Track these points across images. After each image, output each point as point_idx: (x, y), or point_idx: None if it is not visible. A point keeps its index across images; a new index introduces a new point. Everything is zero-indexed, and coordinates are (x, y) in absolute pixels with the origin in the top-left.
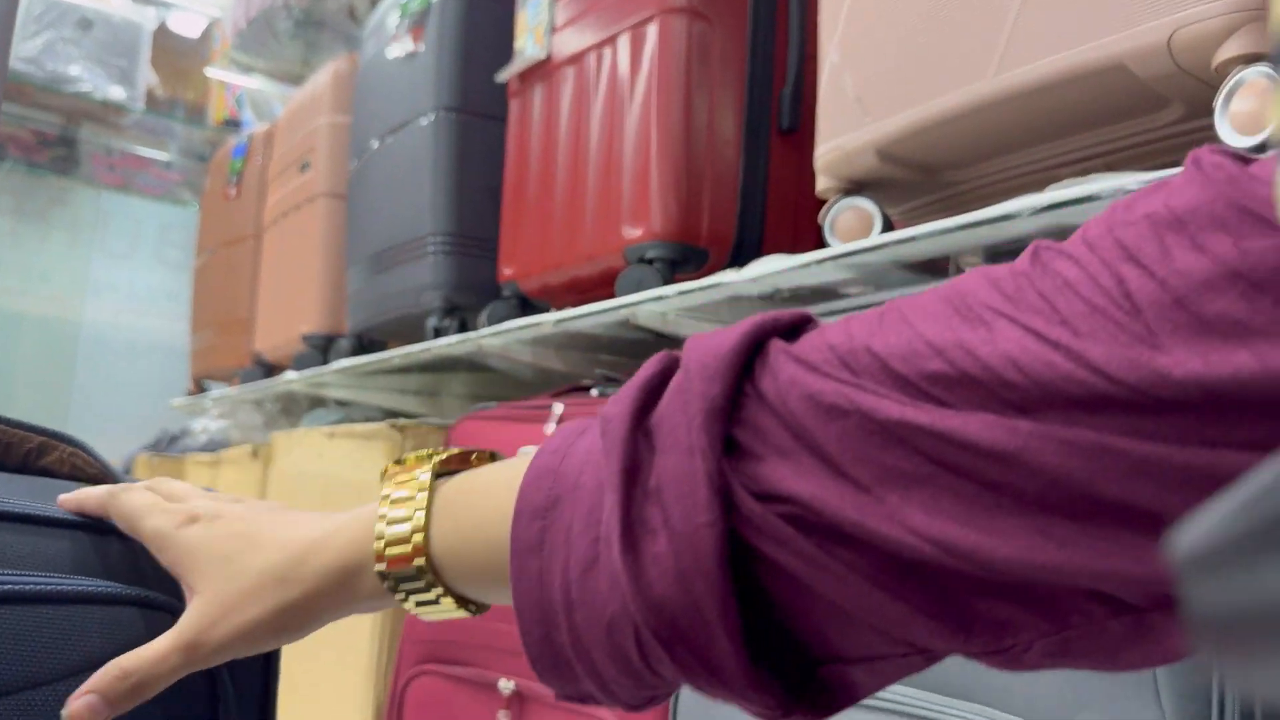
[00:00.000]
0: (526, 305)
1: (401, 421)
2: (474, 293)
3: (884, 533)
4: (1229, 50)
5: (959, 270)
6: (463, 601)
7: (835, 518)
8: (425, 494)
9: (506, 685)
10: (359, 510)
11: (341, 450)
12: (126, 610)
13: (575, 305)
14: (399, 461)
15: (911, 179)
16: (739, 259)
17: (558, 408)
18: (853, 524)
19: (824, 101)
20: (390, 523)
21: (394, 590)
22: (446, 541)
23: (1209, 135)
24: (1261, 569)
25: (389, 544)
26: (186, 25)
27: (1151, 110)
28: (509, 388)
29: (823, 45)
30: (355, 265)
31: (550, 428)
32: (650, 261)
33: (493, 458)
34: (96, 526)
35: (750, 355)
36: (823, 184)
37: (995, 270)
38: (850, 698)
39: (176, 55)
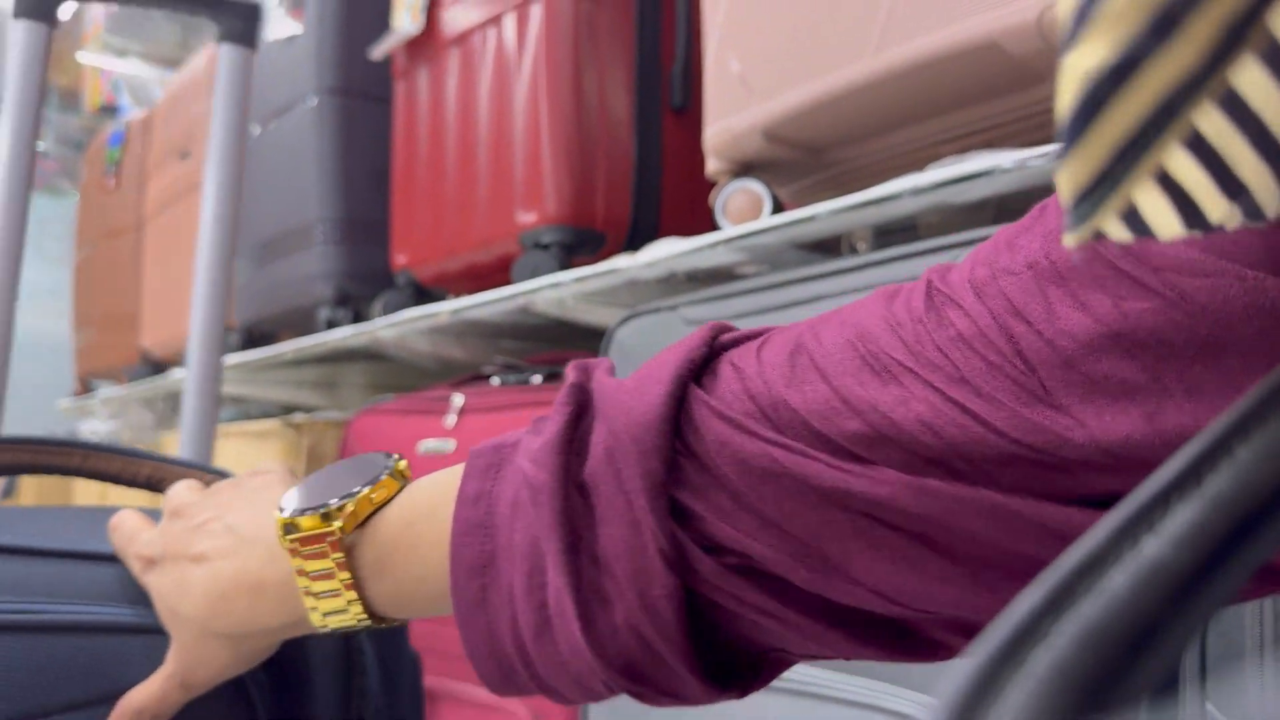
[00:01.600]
0: (422, 293)
1: (297, 418)
2: (366, 282)
3: (831, 584)
4: None
5: (852, 249)
6: (377, 619)
7: (783, 573)
8: (348, 574)
9: None
10: (278, 571)
11: (234, 450)
12: (163, 639)
13: (473, 292)
14: (289, 529)
15: (799, 159)
16: (636, 241)
17: (457, 399)
18: (801, 579)
19: (710, 84)
20: (323, 601)
21: (313, 612)
22: (388, 601)
23: None
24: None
25: (328, 615)
26: None
27: (1027, 86)
28: (410, 376)
29: (707, 27)
30: (241, 256)
31: (450, 419)
32: (546, 246)
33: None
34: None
35: (677, 414)
36: (712, 166)
37: (895, 309)
38: (785, 669)
39: None
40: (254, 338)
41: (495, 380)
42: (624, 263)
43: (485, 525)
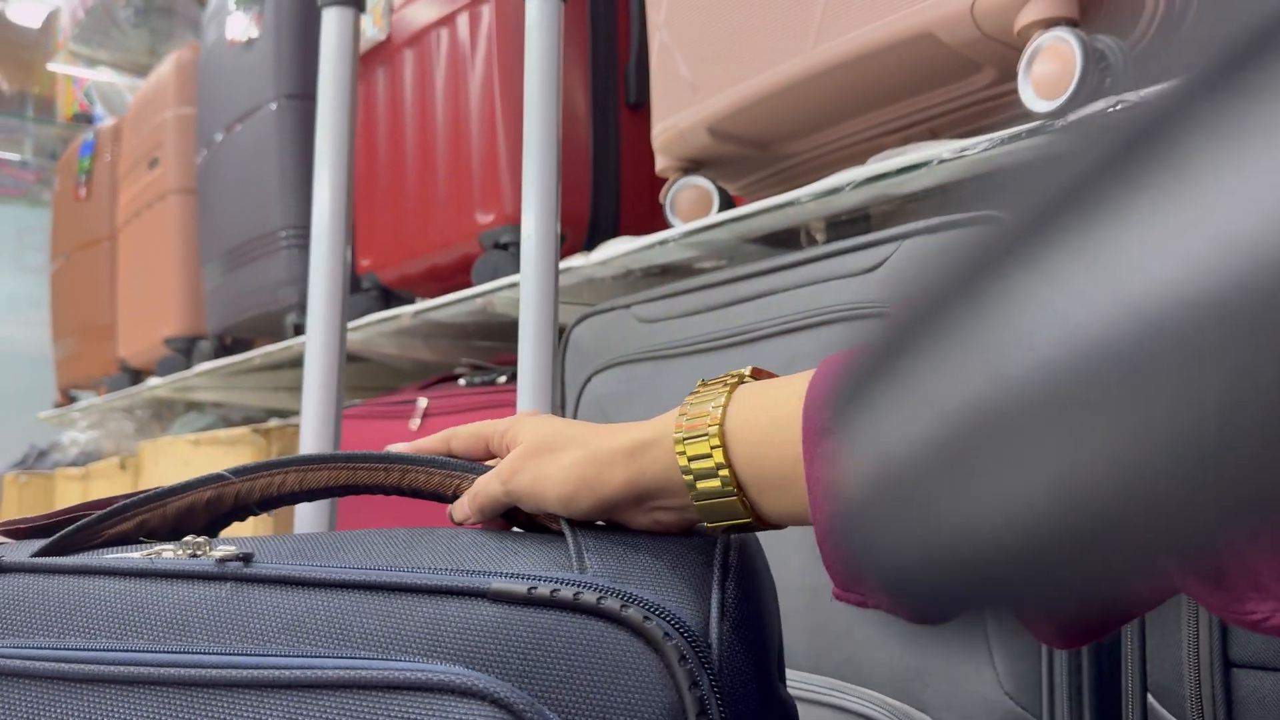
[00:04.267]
0: (389, 296)
1: (266, 424)
2: None
3: None
4: (1028, 15)
5: (811, 239)
6: (739, 489)
7: None
8: (728, 389)
9: None
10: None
11: (208, 457)
12: (469, 704)
13: (438, 294)
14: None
15: (745, 154)
16: (595, 239)
17: (422, 402)
18: None
19: (657, 81)
20: (692, 406)
21: (680, 455)
22: (739, 420)
23: None
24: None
25: (689, 419)
26: (26, 15)
27: (964, 75)
28: (385, 378)
29: (652, 25)
30: (209, 263)
31: (415, 422)
32: (505, 246)
33: None
34: (466, 590)
35: None
36: (661, 163)
37: None
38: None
39: (19, 48)
40: (228, 345)
41: (462, 382)
42: (578, 261)
43: (843, 363)
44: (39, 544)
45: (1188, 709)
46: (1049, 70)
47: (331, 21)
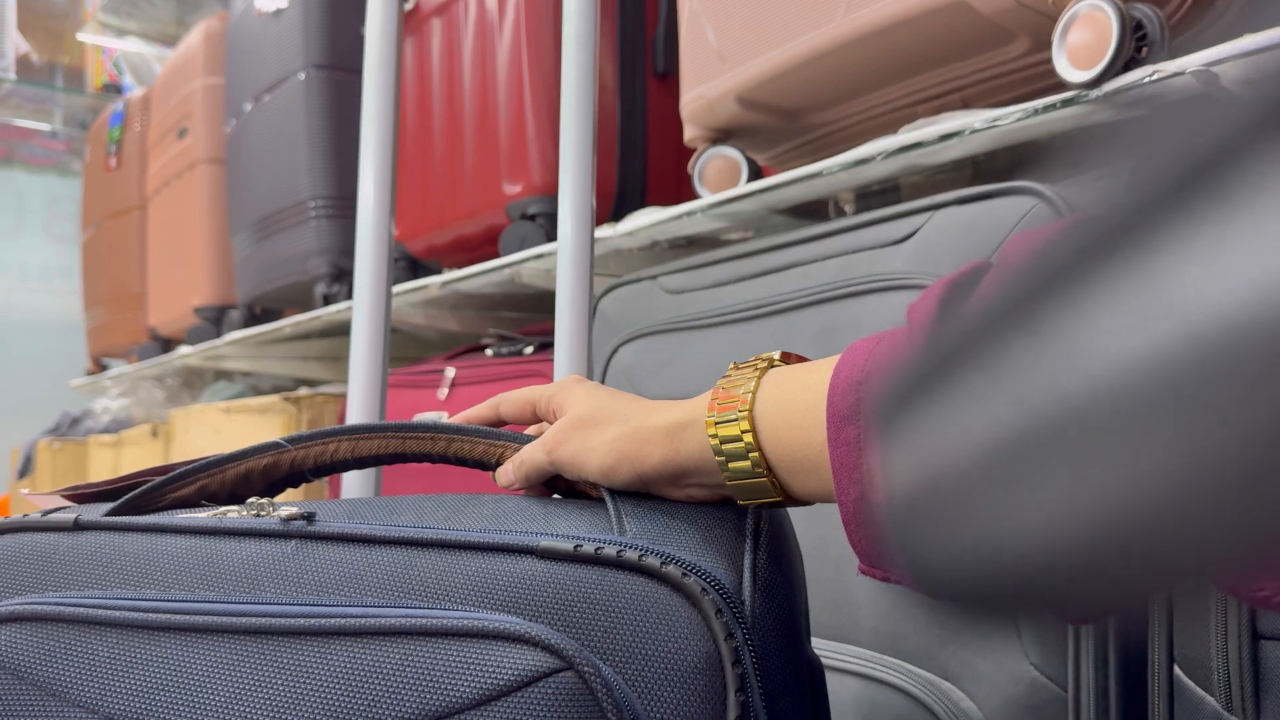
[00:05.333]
0: (417, 267)
1: (296, 393)
2: None
3: None
4: None
5: (840, 211)
6: (768, 470)
7: None
8: (758, 373)
9: None
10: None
11: (239, 425)
12: (518, 650)
13: (464, 264)
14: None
15: (775, 124)
16: (623, 210)
17: (449, 371)
18: None
19: (686, 50)
20: (724, 389)
21: (713, 437)
22: (768, 403)
23: None
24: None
25: (721, 403)
26: None
27: (998, 45)
28: (413, 348)
29: None
30: (239, 233)
31: (443, 392)
32: (532, 217)
33: None
34: (515, 548)
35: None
36: (690, 133)
37: None
38: None
39: (48, 18)
40: (257, 314)
41: (489, 352)
42: (605, 232)
43: (870, 351)
44: (106, 506)
45: (1214, 681)
46: (1084, 39)
47: (376, 8)
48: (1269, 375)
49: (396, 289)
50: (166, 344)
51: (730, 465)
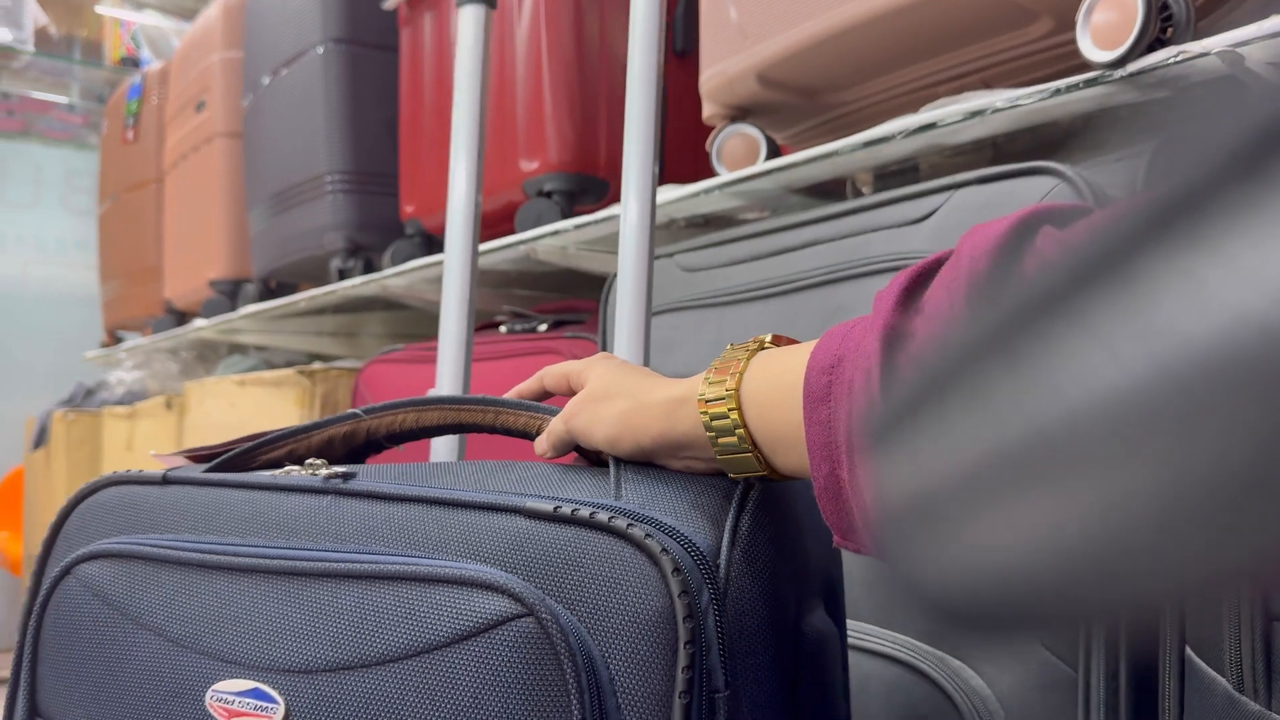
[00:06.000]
0: (433, 243)
1: (311, 367)
2: (377, 232)
3: None
4: None
5: (857, 191)
6: (753, 446)
7: None
8: (748, 354)
9: None
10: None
11: (253, 398)
12: (484, 596)
13: (480, 241)
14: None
15: (794, 103)
16: None
17: None
18: None
19: (707, 26)
20: (716, 371)
21: (704, 414)
22: (753, 384)
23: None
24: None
25: (711, 384)
26: None
27: (1021, 24)
28: (428, 325)
29: None
30: (255, 207)
31: None
32: (549, 194)
33: None
34: (506, 508)
35: (1021, 239)
36: (708, 110)
37: None
38: None
39: None
40: (273, 288)
41: (503, 329)
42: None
43: (844, 335)
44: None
45: (1226, 662)
46: (1109, 19)
47: (468, 19)
48: (1230, 408)
49: (412, 264)
50: (181, 317)
51: (719, 440)
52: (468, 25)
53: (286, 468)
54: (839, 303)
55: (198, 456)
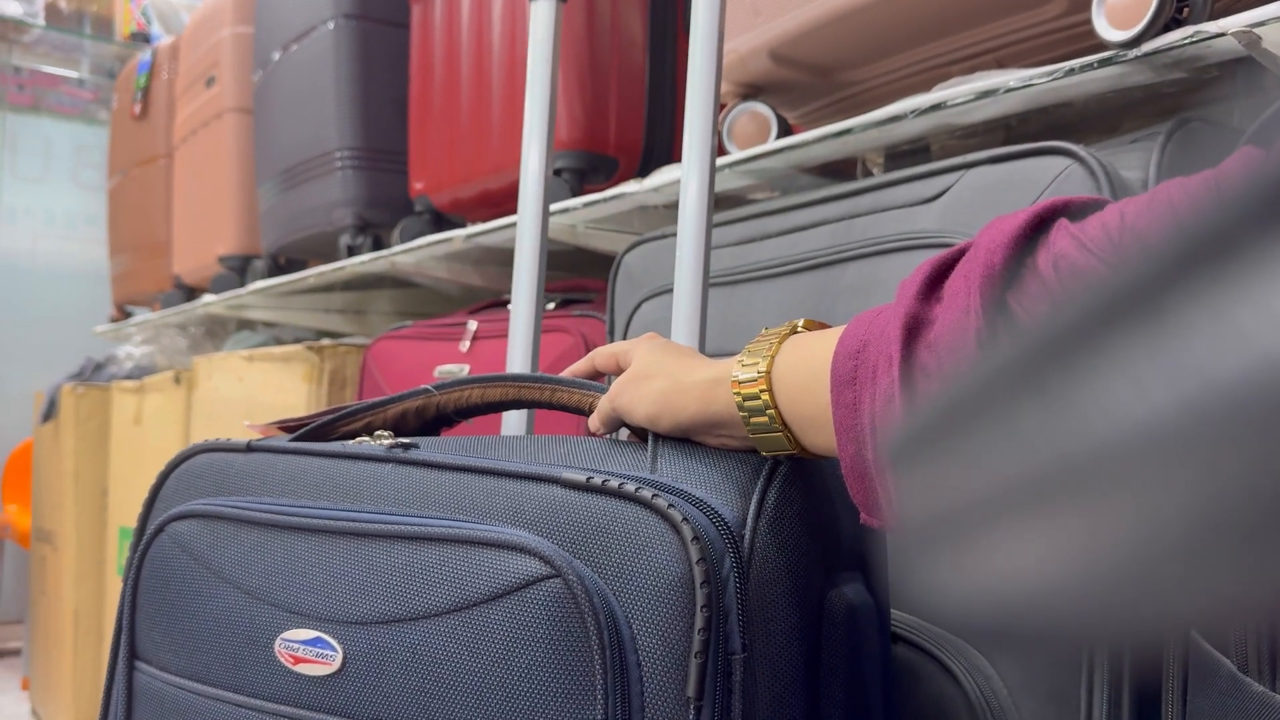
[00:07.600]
0: (441, 220)
1: (319, 343)
2: (387, 208)
3: None
4: None
5: (867, 172)
6: (784, 426)
7: None
8: (780, 338)
9: None
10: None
11: (261, 373)
12: (520, 558)
13: (489, 218)
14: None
15: (807, 81)
16: (649, 166)
17: (471, 324)
18: None
19: None
20: (749, 354)
21: (737, 395)
22: (784, 367)
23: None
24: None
25: (744, 366)
26: None
27: (1035, 4)
28: (436, 303)
29: None
30: (265, 183)
31: (465, 345)
32: (559, 172)
33: None
34: (545, 477)
35: (1037, 233)
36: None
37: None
38: None
39: None
40: (282, 264)
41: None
42: (631, 188)
43: (870, 321)
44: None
45: (1230, 642)
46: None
47: (540, 13)
48: (1274, 438)
49: (420, 241)
50: (190, 292)
51: (751, 420)
52: (540, 20)
53: (360, 439)
54: (848, 282)
55: (286, 426)
